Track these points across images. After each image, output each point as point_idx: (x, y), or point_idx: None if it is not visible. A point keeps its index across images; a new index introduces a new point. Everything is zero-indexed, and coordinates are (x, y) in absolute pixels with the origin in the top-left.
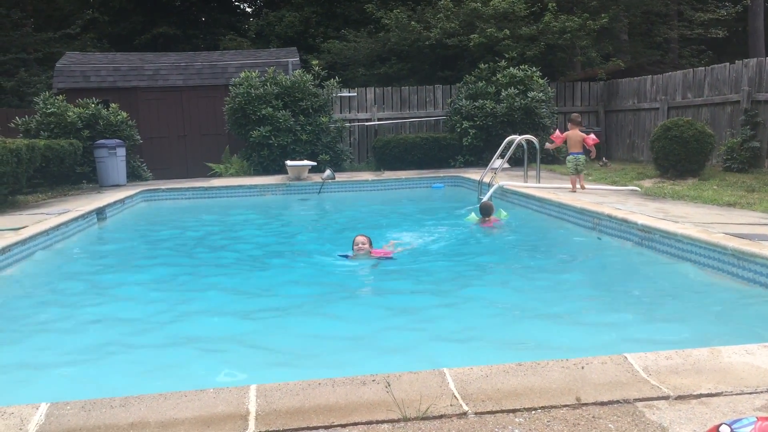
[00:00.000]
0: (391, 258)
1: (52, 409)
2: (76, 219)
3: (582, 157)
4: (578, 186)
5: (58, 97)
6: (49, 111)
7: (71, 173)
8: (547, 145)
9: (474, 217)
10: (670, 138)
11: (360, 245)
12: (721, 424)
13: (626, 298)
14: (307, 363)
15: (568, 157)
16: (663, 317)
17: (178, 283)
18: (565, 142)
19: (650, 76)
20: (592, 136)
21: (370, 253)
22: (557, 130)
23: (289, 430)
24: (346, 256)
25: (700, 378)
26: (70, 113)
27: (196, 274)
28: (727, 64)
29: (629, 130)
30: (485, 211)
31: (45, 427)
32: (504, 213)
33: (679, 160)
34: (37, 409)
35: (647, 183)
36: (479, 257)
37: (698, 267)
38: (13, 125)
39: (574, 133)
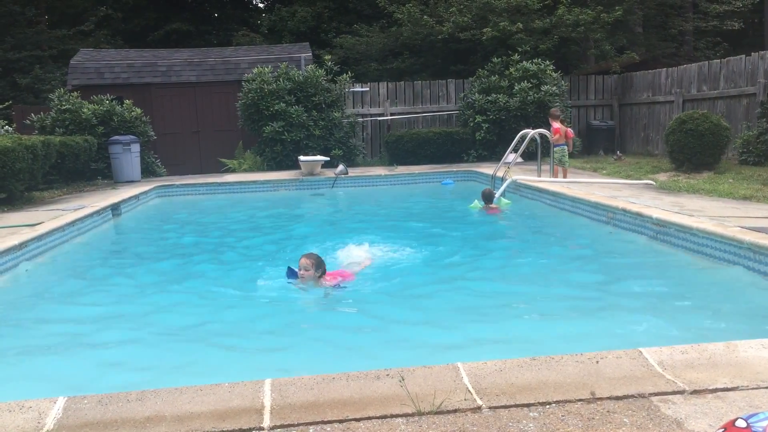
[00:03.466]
0: (347, 283)
1: (69, 403)
2: (91, 215)
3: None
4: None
5: (72, 93)
6: (64, 108)
7: (86, 169)
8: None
9: (477, 204)
10: (685, 131)
11: (303, 271)
12: (737, 419)
13: (641, 292)
14: (321, 357)
15: (563, 148)
16: (678, 311)
17: (193, 277)
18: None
19: (665, 68)
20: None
21: (320, 279)
22: (553, 124)
23: (304, 424)
24: (295, 275)
25: (716, 372)
26: (85, 110)
27: (211, 269)
28: (743, 56)
29: (644, 124)
30: (487, 197)
31: (63, 420)
32: (505, 201)
33: (695, 153)
34: (55, 403)
35: (662, 177)
36: (490, 251)
37: (714, 261)
38: (28, 122)
39: (562, 127)
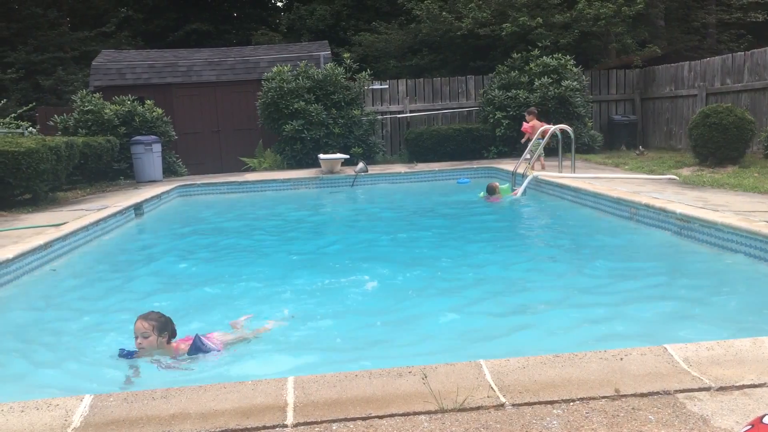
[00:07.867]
0: (209, 353)
1: (95, 401)
2: (114, 215)
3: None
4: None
5: (94, 94)
6: (87, 108)
7: (109, 169)
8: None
9: (483, 193)
10: (708, 125)
11: (140, 339)
12: (764, 415)
13: (665, 289)
14: (343, 355)
15: (538, 142)
16: (703, 307)
17: (215, 275)
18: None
19: (688, 62)
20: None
21: (169, 345)
22: (525, 123)
23: (327, 421)
24: (130, 354)
25: (743, 369)
26: (107, 110)
27: (232, 266)
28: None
29: (666, 118)
30: (490, 191)
31: (89, 418)
32: (504, 188)
33: (719, 147)
34: (81, 400)
35: (686, 171)
36: (511, 248)
37: (739, 256)
38: (51, 123)
39: (539, 123)
